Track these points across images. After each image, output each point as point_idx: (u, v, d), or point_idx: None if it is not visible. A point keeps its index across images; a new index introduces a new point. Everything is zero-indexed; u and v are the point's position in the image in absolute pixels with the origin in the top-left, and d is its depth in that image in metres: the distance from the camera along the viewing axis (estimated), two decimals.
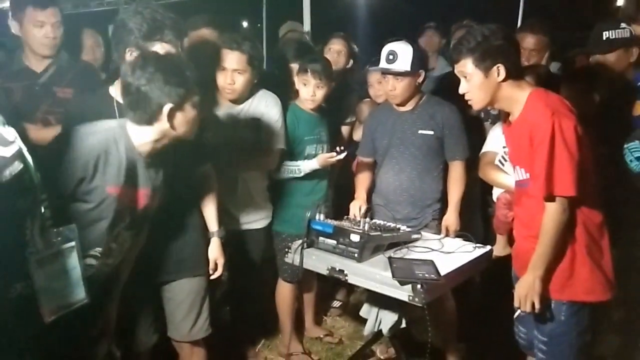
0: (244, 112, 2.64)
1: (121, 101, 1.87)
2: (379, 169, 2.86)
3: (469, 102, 2.04)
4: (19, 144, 1.28)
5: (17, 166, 1.25)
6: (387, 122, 2.81)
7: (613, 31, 2.50)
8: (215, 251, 2.31)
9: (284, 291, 2.95)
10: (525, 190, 2.00)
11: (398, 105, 2.76)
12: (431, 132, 2.71)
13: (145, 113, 1.77)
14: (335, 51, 3.33)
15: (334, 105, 2.99)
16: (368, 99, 3.28)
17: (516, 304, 2.00)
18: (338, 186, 3.13)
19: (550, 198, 1.87)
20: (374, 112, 2.97)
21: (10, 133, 1.27)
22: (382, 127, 2.82)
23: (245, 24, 13.59)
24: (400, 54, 2.64)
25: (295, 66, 2.90)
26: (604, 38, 2.51)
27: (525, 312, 1.98)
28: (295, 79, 2.82)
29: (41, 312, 1.37)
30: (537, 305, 1.94)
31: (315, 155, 2.81)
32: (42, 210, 1.33)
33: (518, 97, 1.94)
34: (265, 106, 2.66)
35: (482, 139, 2.79)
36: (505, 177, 2.57)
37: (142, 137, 1.83)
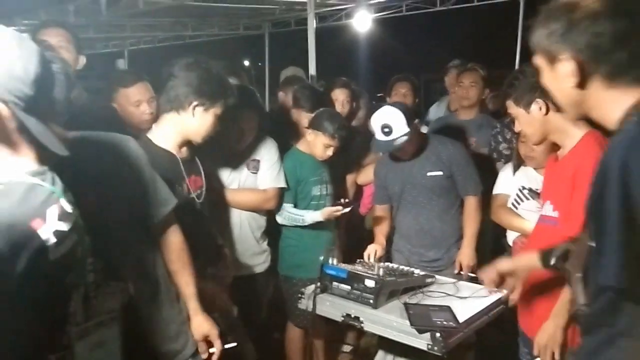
0: (244, 155, 2.68)
1: None
2: (396, 214, 2.85)
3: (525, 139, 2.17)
4: (75, 212, 1.20)
5: (73, 238, 1.17)
6: (395, 168, 2.81)
7: None
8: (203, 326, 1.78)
9: (295, 336, 2.89)
10: (551, 227, 1.95)
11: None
12: (440, 173, 2.71)
13: None
14: (340, 102, 3.34)
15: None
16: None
17: (535, 352, 1.94)
18: (349, 228, 3.09)
19: None
20: (382, 160, 2.95)
21: (69, 203, 1.18)
22: (391, 174, 2.82)
23: (247, 62, 13.93)
24: (393, 123, 2.58)
25: (305, 114, 2.95)
26: None
27: None
28: (313, 133, 2.80)
29: None
30: (556, 357, 1.88)
31: (320, 197, 2.82)
32: (88, 278, 1.25)
33: (571, 132, 1.90)
34: (264, 148, 2.72)
35: (494, 178, 2.78)
36: (521, 221, 2.55)
37: None
